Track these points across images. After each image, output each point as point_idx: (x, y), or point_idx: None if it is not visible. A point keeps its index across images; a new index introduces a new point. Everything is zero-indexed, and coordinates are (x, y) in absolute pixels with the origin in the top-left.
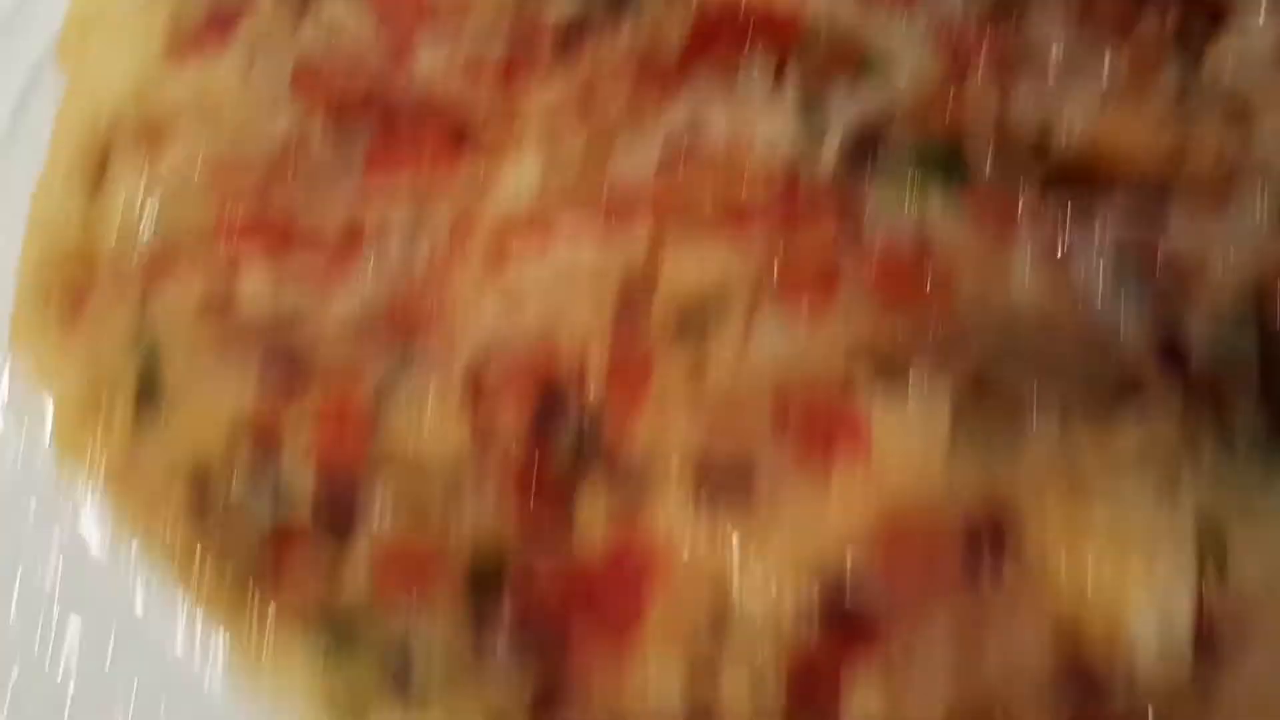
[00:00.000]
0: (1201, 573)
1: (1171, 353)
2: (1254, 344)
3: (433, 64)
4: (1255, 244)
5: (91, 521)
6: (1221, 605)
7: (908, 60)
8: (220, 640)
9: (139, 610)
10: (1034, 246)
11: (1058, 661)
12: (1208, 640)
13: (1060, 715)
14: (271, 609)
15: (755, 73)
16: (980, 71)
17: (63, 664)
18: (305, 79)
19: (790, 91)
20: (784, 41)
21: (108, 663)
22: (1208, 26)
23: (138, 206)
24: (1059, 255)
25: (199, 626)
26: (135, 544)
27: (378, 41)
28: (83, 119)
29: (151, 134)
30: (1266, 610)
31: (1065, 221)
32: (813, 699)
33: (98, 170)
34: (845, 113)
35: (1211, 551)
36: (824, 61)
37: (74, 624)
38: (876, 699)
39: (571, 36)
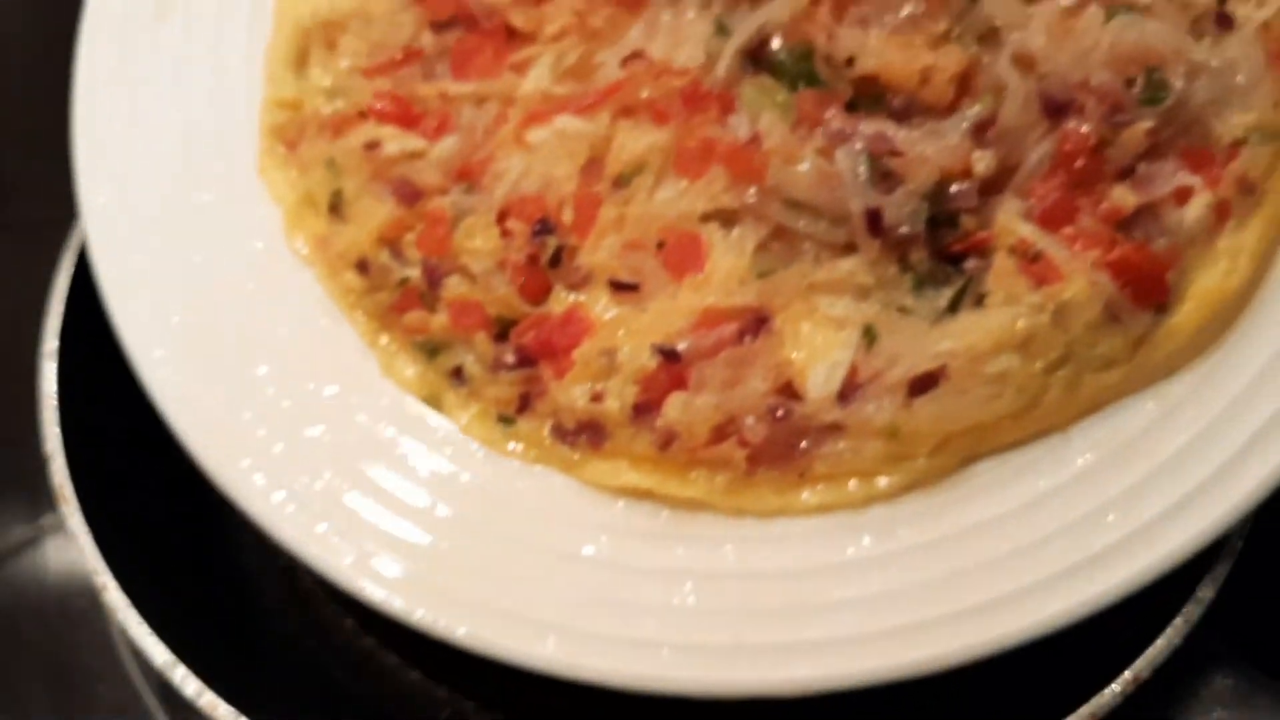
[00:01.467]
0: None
1: (876, 220)
2: (926, 216)
3: None
4: (951, 145)
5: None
6: (865, 365)
7: None
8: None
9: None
10: (823, 141)
11: (775, 386)
12: (853, 383)
13: (773, 421)
14: (393, 336)
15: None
16: (829, 3)
17: None
18: None
19: (711, 13)
20: None
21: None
22: None
23: (326, 85)
24: (832, 148)
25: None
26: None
27: None
28: (292, 21)
29: (332, 34)
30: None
31: (842, 124)
32: (650, 408)
33: (302, 58)
34: (746, 24)
35: (867, 339)
36: None
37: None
38: (681, 407)
39: None
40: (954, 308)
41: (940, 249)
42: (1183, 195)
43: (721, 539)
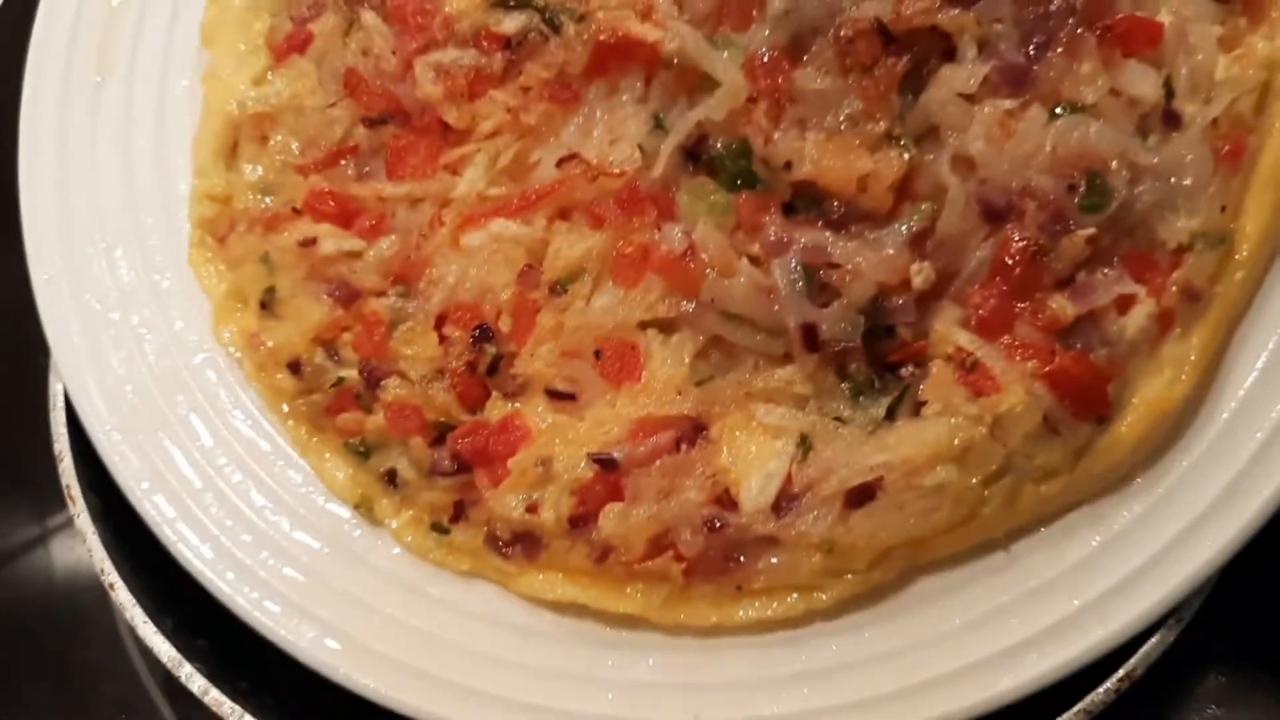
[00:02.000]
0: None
1: (812, 334)
2: (863, 330)
3: (425, 72)
4: (889, 257)
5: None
6: (800, 475)
7: (728, 78)
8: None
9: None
10: (760, 249)
11: (711, 496)
12: (788, 494)
13: (709, 533)
14: (325, 437)
15: (626, 94)
16: (764, 102)
17: None
18: (352, 81)
19: (647, 107)
20: (648, 64)
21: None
22: (939, 64)
23: (257, 179)
24: (769, 258)
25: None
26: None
27: (393, 54)
28: (220, 113)
29: (263, 127)
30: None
31: (780, 231)
32: (586, 519)
33: (231, 150)
34: (682, 122)
35: (802, 449)
36: (672, 84)
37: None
38: (617, 519)
39: (516, 52)
40: (891, 416)
41: (878, 357)
42: (1125, 304)
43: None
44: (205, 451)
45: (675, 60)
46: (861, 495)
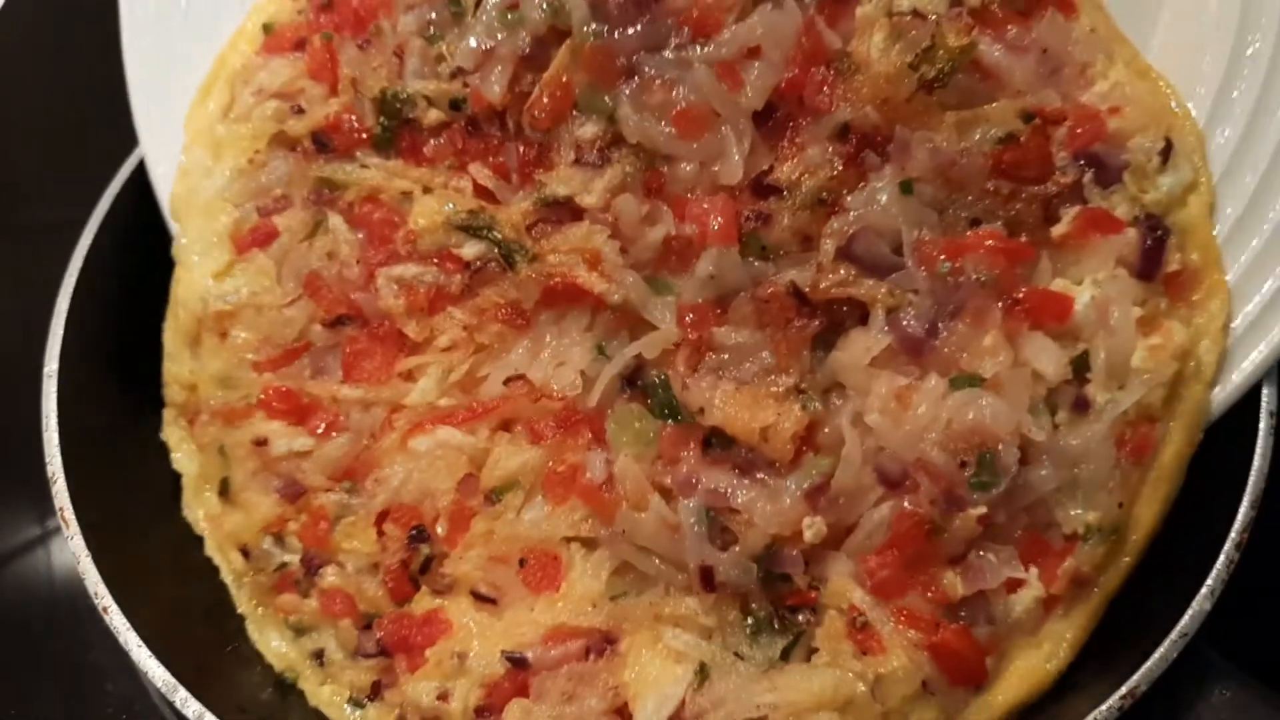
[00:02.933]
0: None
1: (709, 575)
2: (757, 576)
3: (388, 285)
4: (783, 509)
5: None
6: (693, 703)
7: (664, 324)
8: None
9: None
10: (673, 482)
11: (611, 707)
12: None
13: None
14: (268, 610)
15: (573, 325)
16: (685, 350)
17: None
18: (314, 284)
19: (592, 336)
20: (595, 305)
21: None
22: (853, 325)
23: (216, 371)
24: (678, 493)
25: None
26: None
27: (357, 263)
28: (184, 306)
29: (222, 323)
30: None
31: (691, 469)
32: (491, 711)
33: (196, 340)
34: (619, 357)
35: (700, 677)
36: (614, 320)
37: None
38: (520, 715)
39: (473, 277)
40: (785, 658)
41: (778, 598)
42: (1013, 584)
43: None
44: None
45: (618, 307)
46: None
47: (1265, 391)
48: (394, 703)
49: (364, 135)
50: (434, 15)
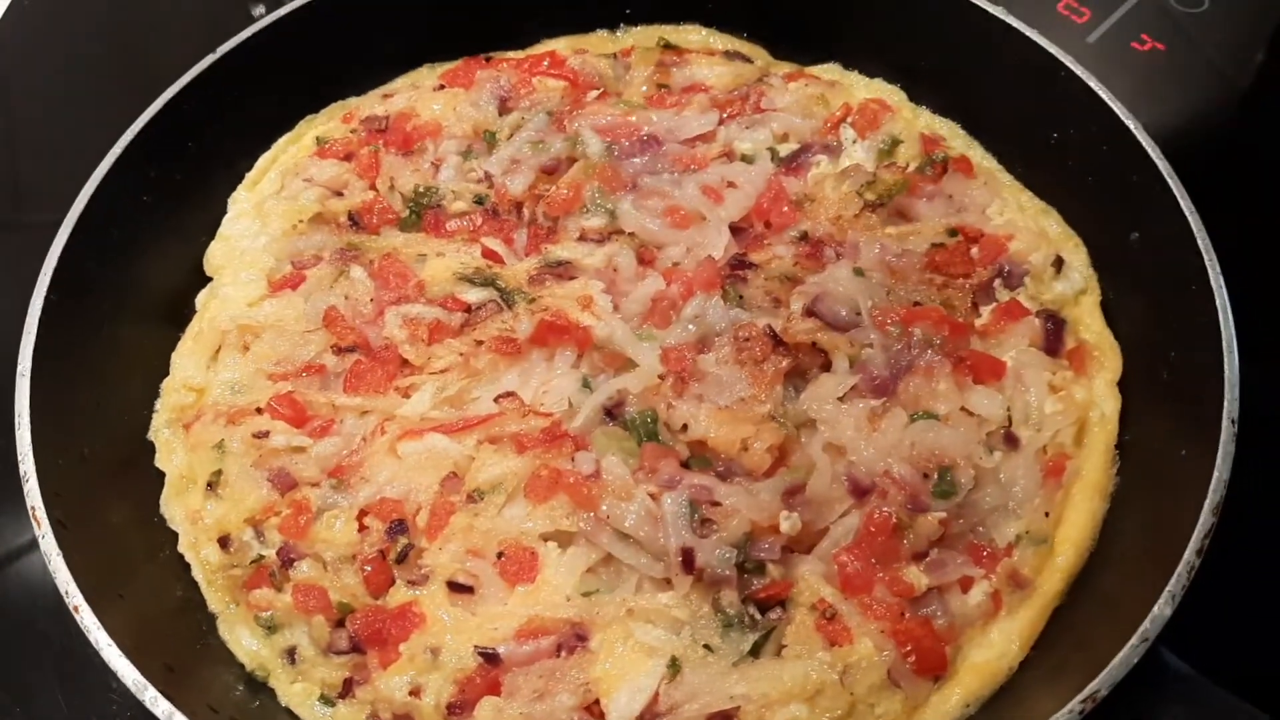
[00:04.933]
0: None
1: (689, 558)
2: (736, 562)
3: (395, 319)
4: (763, 502)
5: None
6: (666, 695)
7: (646, 362)
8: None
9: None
10: (655, 486)
11: (582, 703)
12: (653, 712)
13: None
14: (240, 607)
15: (561, 362)
16: (671, 378)
17: None
18: (331, 317)
19: (581, 370)
20: (582, 343)
21: None
22: (819, 372)
23: (232, 379)
24: (662, 493)
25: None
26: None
27: (370, 302)
28: (212, 322)
29: (246, 338)
30: (694, 703)
31: (674, 473)
32: (463, 708)
33: (215, 352)
34: (605, 387)
35: (672, 670)
36: (601, 359)
37: None
38: (491, 713)
39: (473, 315)
40: (755, 653)
41: (749, 594)
42: (966, 583)
43: None
44: None
45: (605, 344)
46: None
47: (1228, 399)
48: (366, 700)
49: (391, 217)
50: (471, 146)
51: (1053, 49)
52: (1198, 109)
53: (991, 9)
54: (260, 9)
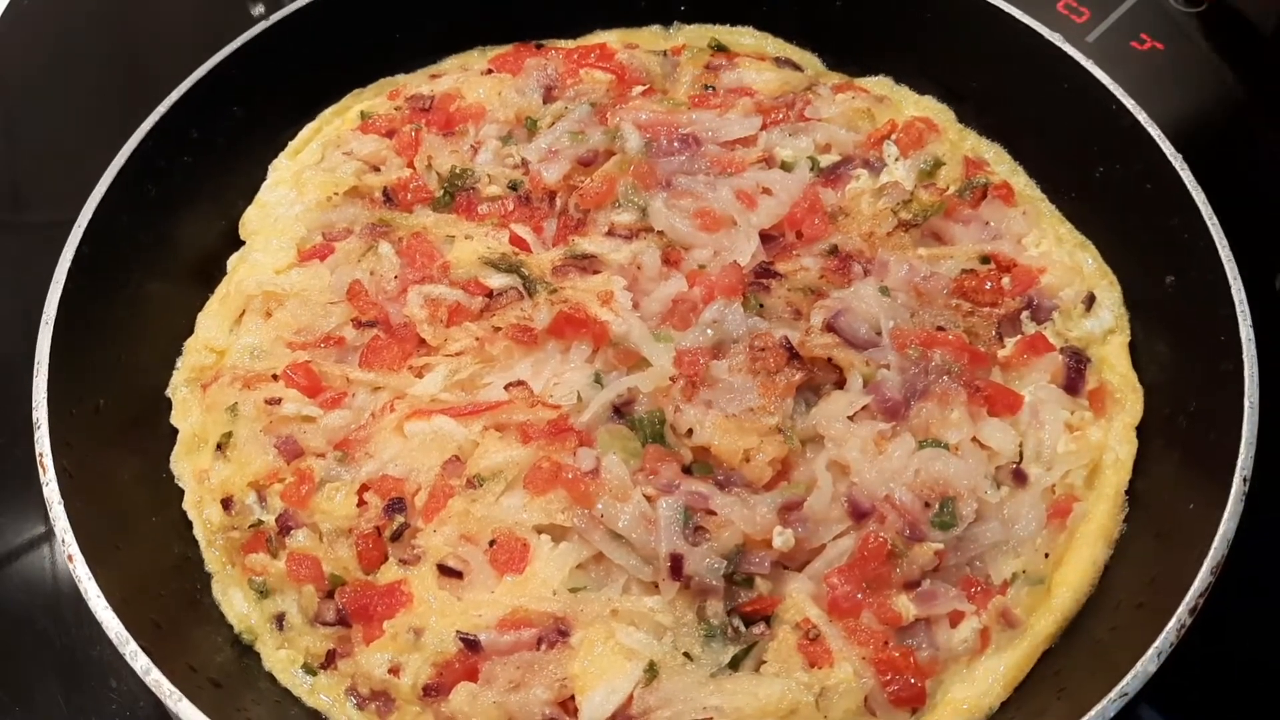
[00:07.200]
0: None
1: (678, 564)
2: (725, 573)
3: (416, 297)
4: (758, 516)
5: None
6: (640, 699)
7: (660, 363)
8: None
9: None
10: (653, 490)
11: (557, 698)
12: (625, 714)
13: None
14: (236, 569)
15: (576, 356)
16: (683, 382)
17: None
18: (355, 290)
19: (596, 364)
20: (599, 338)
21: None
22: (832, 389)
23: (252, 343)
24: (659, 495)
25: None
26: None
27: (394, 279)
28: (239, 285)
29: (270, 304)
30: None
31: (673, 478)
32: (439, 690)
33: (239, 316)
34: (615, 385)
35: (649, 675)
36: (616, 357)
37: None
38: (467, 698)
39: (494, 301)
40: (735, 666)
41: (735, 606)
42: (955, 618)
43: None
44: None
45: (621, 341)
46: None
47: (1243, 455)
48: (346, 673)
49: (425, 196)
50: (511, 131)
51: (1106, 80)
52: (1197, 109)
53: (1049, 35)
54: (260, 8)
